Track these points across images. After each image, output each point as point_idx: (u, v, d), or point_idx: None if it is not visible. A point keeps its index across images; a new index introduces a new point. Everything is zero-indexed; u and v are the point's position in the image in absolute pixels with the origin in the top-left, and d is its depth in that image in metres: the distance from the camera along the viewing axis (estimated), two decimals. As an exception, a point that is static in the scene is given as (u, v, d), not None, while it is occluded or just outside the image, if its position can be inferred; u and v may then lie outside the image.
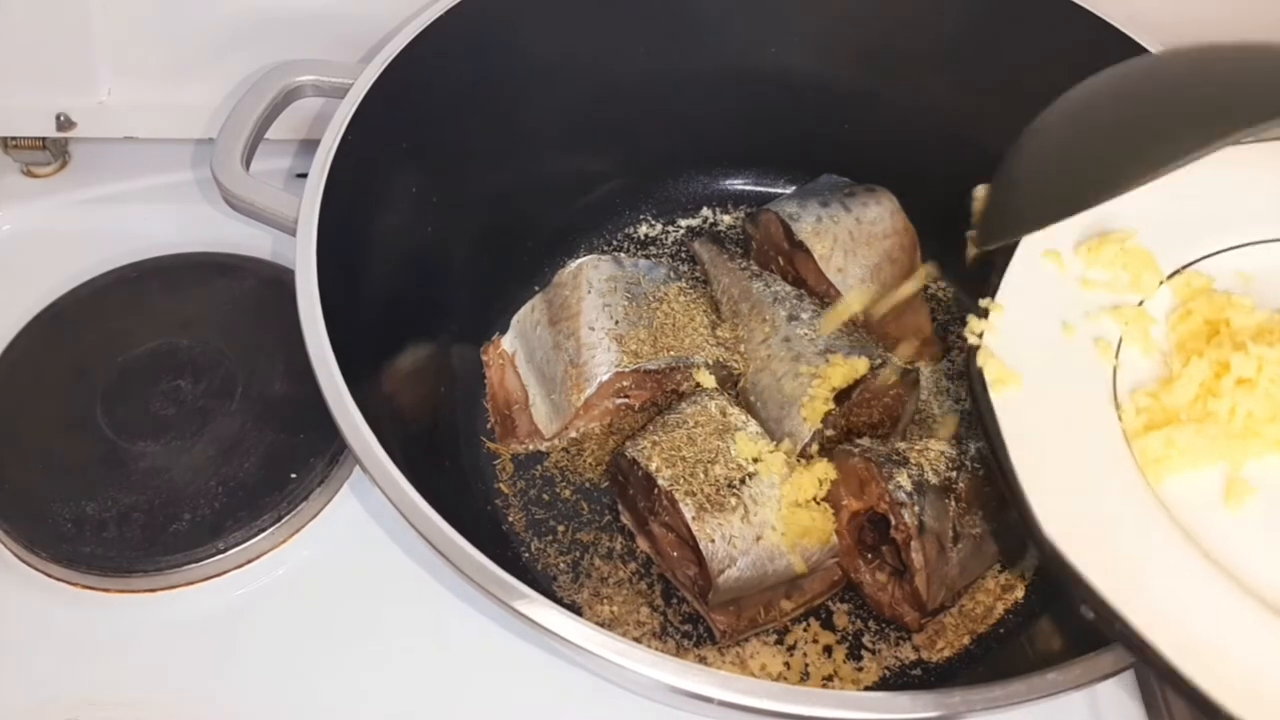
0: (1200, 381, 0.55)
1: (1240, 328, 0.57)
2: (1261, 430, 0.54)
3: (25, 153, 0.88)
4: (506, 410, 0.76)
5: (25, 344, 0.77)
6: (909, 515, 0.63)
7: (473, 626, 0.67)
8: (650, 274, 0.78)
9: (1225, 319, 0.57)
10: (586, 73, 0.79)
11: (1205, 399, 0.55)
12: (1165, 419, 0.54)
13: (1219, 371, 0.55)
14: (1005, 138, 0.80)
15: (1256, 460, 0.54)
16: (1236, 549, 0.50)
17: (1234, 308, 0.57)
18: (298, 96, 0.74)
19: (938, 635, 0.68)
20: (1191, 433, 0.53)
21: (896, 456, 0.66)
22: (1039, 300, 0.58)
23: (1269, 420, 0.54)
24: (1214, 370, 0.55)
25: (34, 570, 0.69)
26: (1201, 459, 0.53)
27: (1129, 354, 0.57)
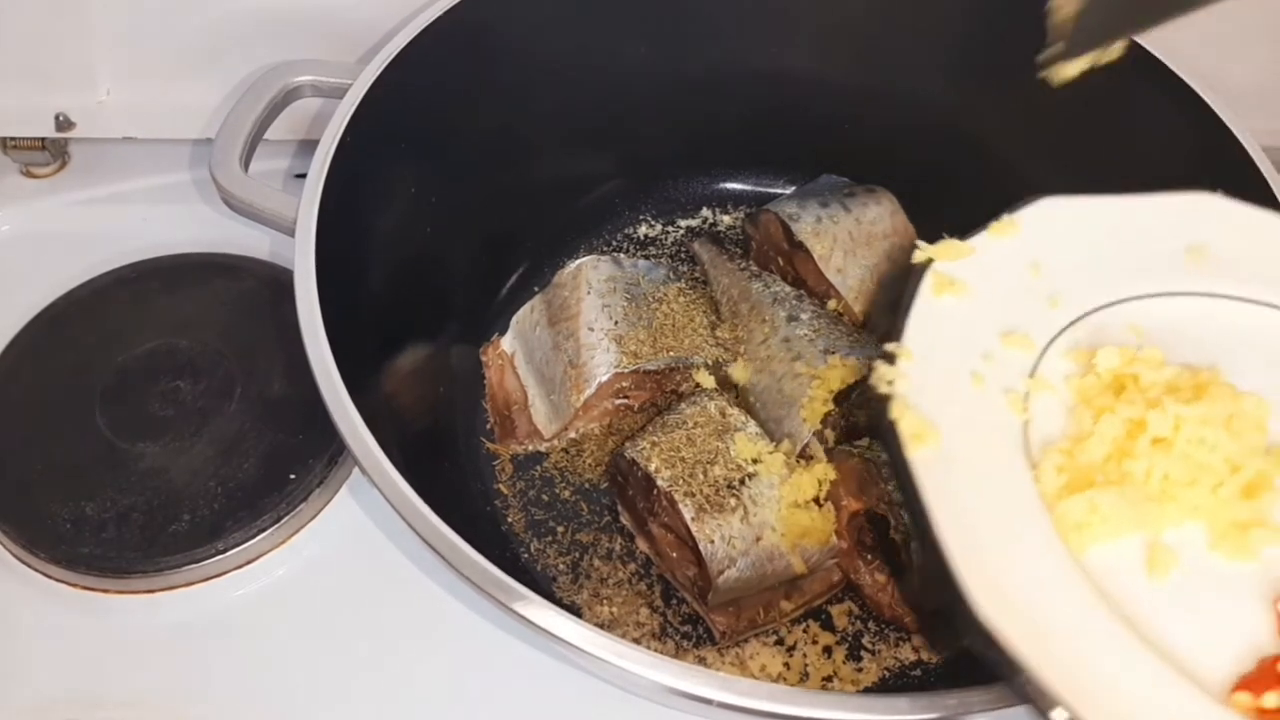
0: (1113, 439, 0.53)
1: (1150, 383, 0.54)
2: (1179, 495, 0.51)
3: (24, 153, 0.88)
4: (506, 411, 0.76)
5: (24, 344, 0.77)
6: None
7: (472, 627, 0.67)
8: (650, 274, 0.78)
9: (1134, 374, 0.54)
10: (586, 73, 0.79)
11: (1120, 459, 0.52)
12: (1084, 481, 0.51)
13: (1132, 431, 0.52)
14: (1005, 138, 0.80)
15: (1176, 527, 0.51)
16: (1162, 622, 0.48)
17: (1142, 362, 0.55)
18: (296, 97, 0.74)
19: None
20: (1113, 497, 0.51)
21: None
22: (945, 343, 0.55)
23: (1187, 484, 0.52)
24: (1127, 429, 0.53)
25: (33, 571, 0.69)
26: (1123, 526, 0.51)
27: (1038, 406, 0.54)
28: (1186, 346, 0.57)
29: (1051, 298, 0.58)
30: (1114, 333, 0.57)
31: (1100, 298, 0.59)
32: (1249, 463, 0.52)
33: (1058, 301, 0.58)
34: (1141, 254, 0.60)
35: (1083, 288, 0.59)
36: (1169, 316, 0.59)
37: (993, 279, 0.57)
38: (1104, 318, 0.58)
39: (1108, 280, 0.59)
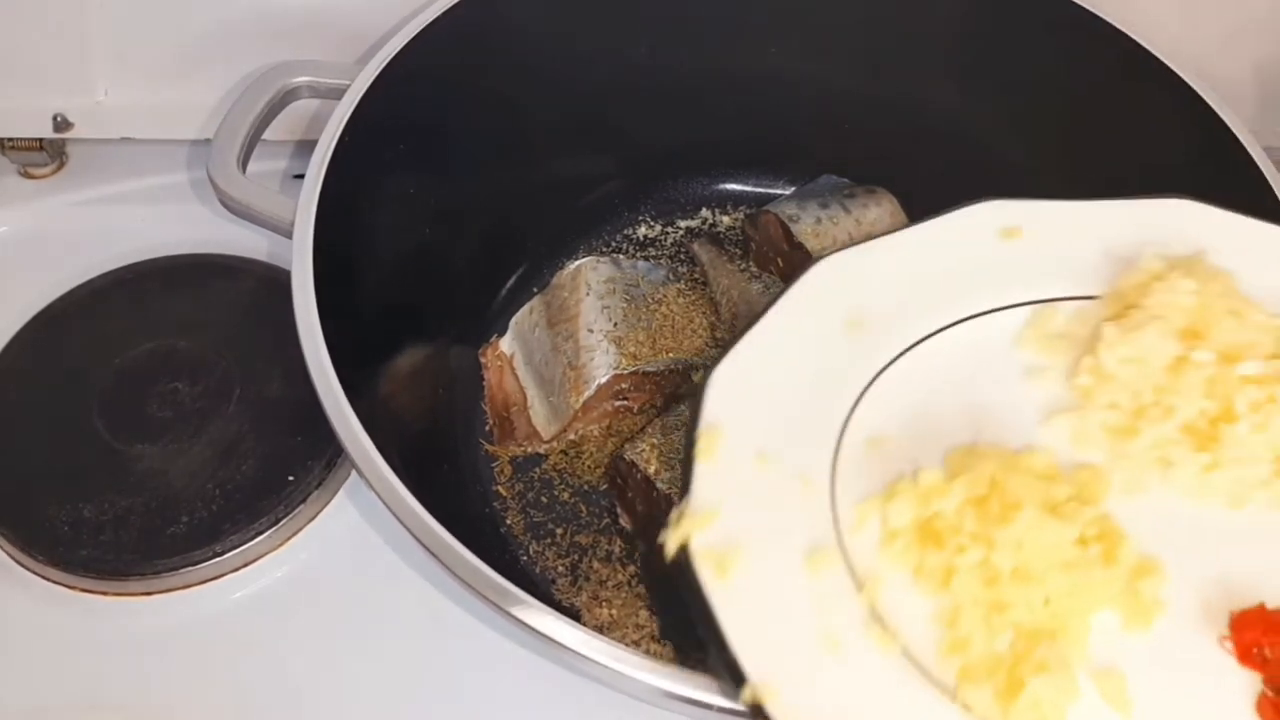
0: (965, 604, 0.49)
1: (951, 525, 0.50)
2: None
3: (22, 154, 0.88)
4: (505, 412, 0.76)
5: (22, 346, 0.77)
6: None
7: (470, 630, 0.67)
8: (649, 275, 0.78)
9: (931, 524, 0.50)
10: (586, 73, 0.78)
11: (992, 613, 0.48)
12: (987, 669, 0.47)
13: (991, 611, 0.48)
14: (1006, 138, 0.80)
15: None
16: None
17: (932, 495, 0.51)
18: (295, 98, 0.73)
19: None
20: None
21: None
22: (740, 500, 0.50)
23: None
24: (966, 585, 0.49)
25: (30, 573, 0.69)
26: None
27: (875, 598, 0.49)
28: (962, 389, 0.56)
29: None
30: (850, 451, 0.54)
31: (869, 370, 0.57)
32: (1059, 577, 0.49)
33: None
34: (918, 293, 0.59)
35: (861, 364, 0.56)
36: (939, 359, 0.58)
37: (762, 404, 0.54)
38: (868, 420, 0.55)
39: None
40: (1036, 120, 0.78)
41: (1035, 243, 0.61)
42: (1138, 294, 0.58)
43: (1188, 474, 0.54)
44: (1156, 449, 0.54)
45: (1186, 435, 0.54)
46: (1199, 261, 0.59)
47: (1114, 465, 0.54)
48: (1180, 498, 0.54)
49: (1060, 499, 0.51)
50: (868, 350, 0.57)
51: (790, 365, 0.56)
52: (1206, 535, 0.53)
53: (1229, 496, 0.54)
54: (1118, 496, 0.53)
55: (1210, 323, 0.56)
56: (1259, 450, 0.53)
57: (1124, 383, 0.55)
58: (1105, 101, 0.74)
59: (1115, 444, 0.55)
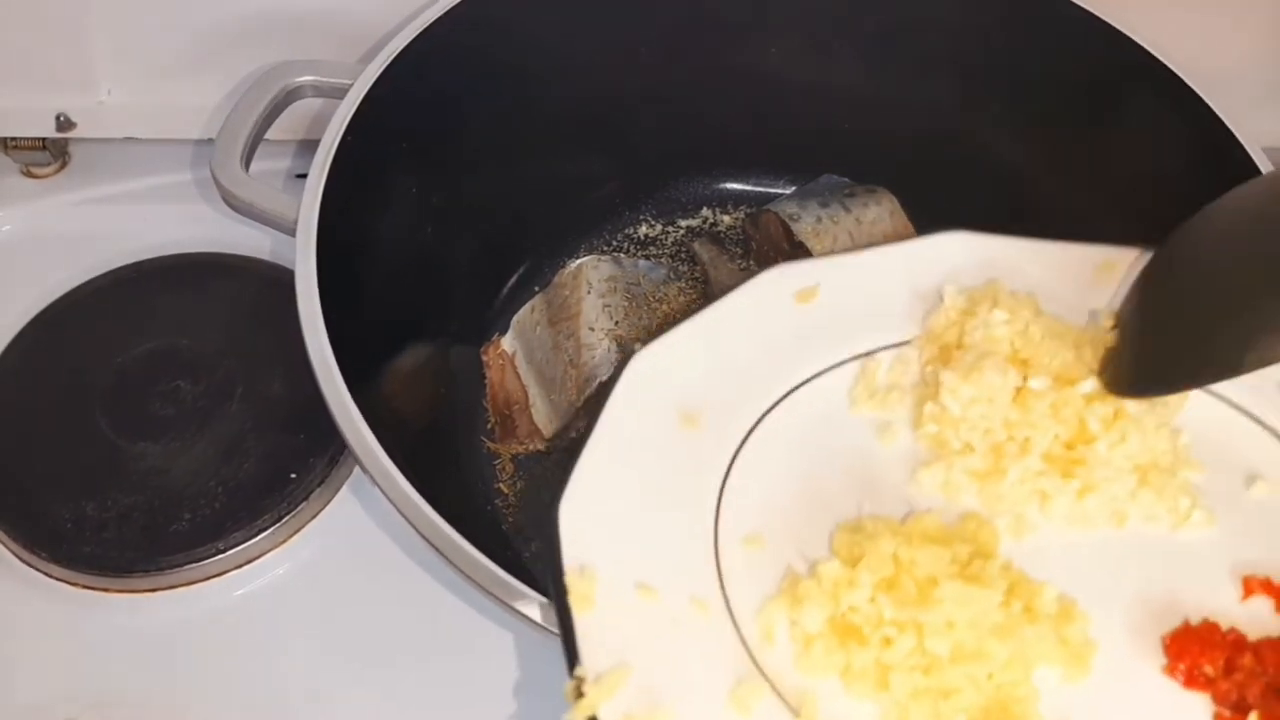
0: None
1: (868, 616, 0.48)
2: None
3: (25, 153, 0.88)
4: (506, 410, 0.76)
5: (25, 344, 0.77)
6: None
7: (473, 626, 0.67)
8: (650, 274, 0.78)
9: (847, 620, 0.48)
10: (586, 73, 0.79)
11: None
12: None
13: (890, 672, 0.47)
14: (1005, 138, 0.80)
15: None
16: None
17: (840, 587, 0.49)
18: (297, 97, 0.73)
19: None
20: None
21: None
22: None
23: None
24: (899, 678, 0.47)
25: (34, 570, 0.69)
26: None
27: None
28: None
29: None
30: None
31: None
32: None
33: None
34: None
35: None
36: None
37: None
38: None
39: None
40: (1036, 120, 0.78)
41: (833, 299, 0.60)
42: (952, 332, 0.58)
43: (1064, 503, 0.53)
44: (1026, 484, 0.53)
45: (1050, 464, 0.53)
46: (998, 289, 0.59)
47: (993, 509, 0.53)
48: (1065, 528, 0.53)
49: (965, 560, 0.50)
50: (710, 445, 0.54)
51: (636, 479, 0.52)
52: (1105, 560, 0.52)
53: (1109, 516, 0.53)
54: (1007, 541, 0.52)
55: (1034, 348, 0.56)
56: (1122, 464, 0.53)
57: (973, 423, 0.55)
58: (1105, 101, 0.75)
59: (985, 487, 0.54)
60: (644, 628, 0.47)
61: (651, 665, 0.45)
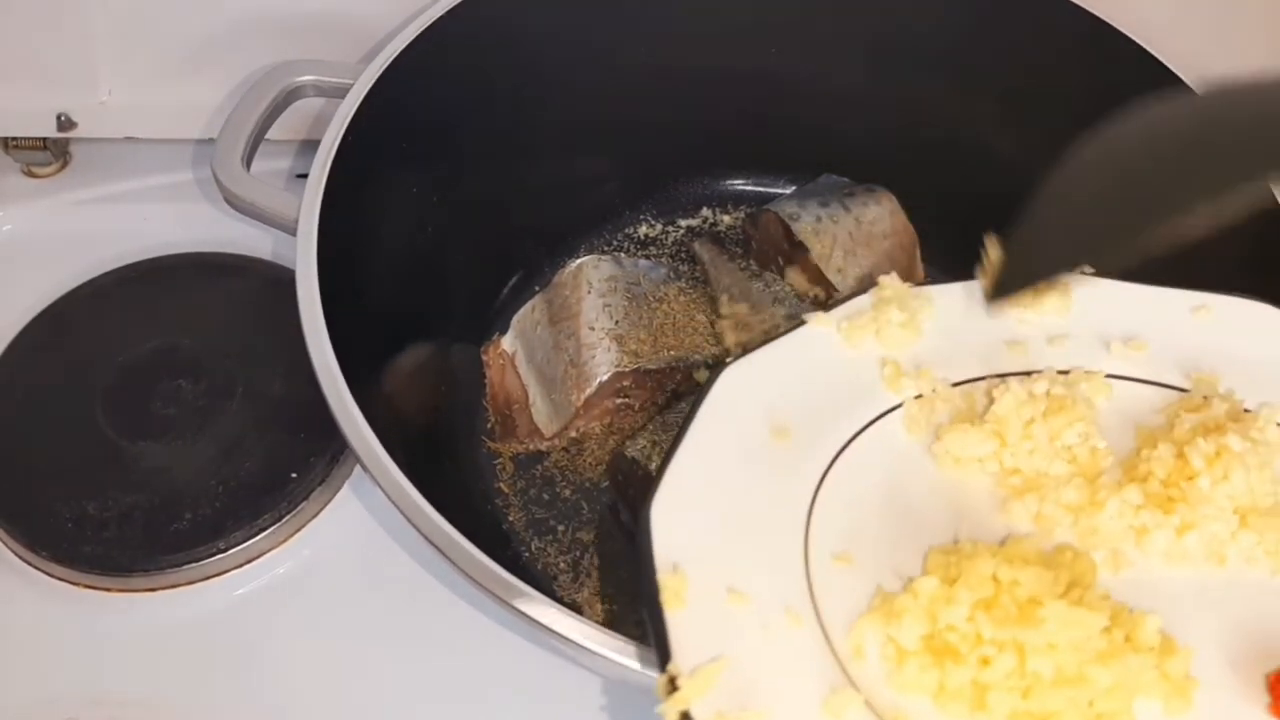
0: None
1: (966, 634, 0.47)
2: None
3: (26, 153, 0.88)
4: (507, 410, 0.76)
5: (25, 344, 0.77)
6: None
7: (473, 625, 0.67)
8: (650, 274, 0.78)
9: (945, 640, 0.47)
10: (587, 73, 0.79)
11: None
12: None
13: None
14: (1005, 138, 0.80)
15: None
16: None
17: (939, 604, 0.47)
18: (298, 97, 0.74)
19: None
20: None
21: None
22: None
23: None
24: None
25: (34, 569, 0.69)
26: None
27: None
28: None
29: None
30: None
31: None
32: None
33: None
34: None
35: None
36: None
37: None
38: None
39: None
40: (1036, 120, 0.78)
41: (931, 324, 0.60)
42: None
43: (1163, 539, 0.52)
44: (1124, 518, 0.52)
45: (1150, 500, 0.52)
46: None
47: (1088, 543, 0.52)
48: (1163, 564, 0.52)
49: (1065, 585, 0.48)
50: (801, 460, 0.54)
51: (727, 486, 0.51)
52: (1205, 598, 0.51)
53: (1208, 555, 0.52)
54: (1104, 574, 0.51)
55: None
56: (1224, 503, 0.52)
57: (1069, 455, 0.54)
58: (1104, 102, 0.74)
59: (1081, 520, 0.53)
60: (735, 631, 0.46)
61: (743, 666, 0.45)
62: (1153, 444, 0.54)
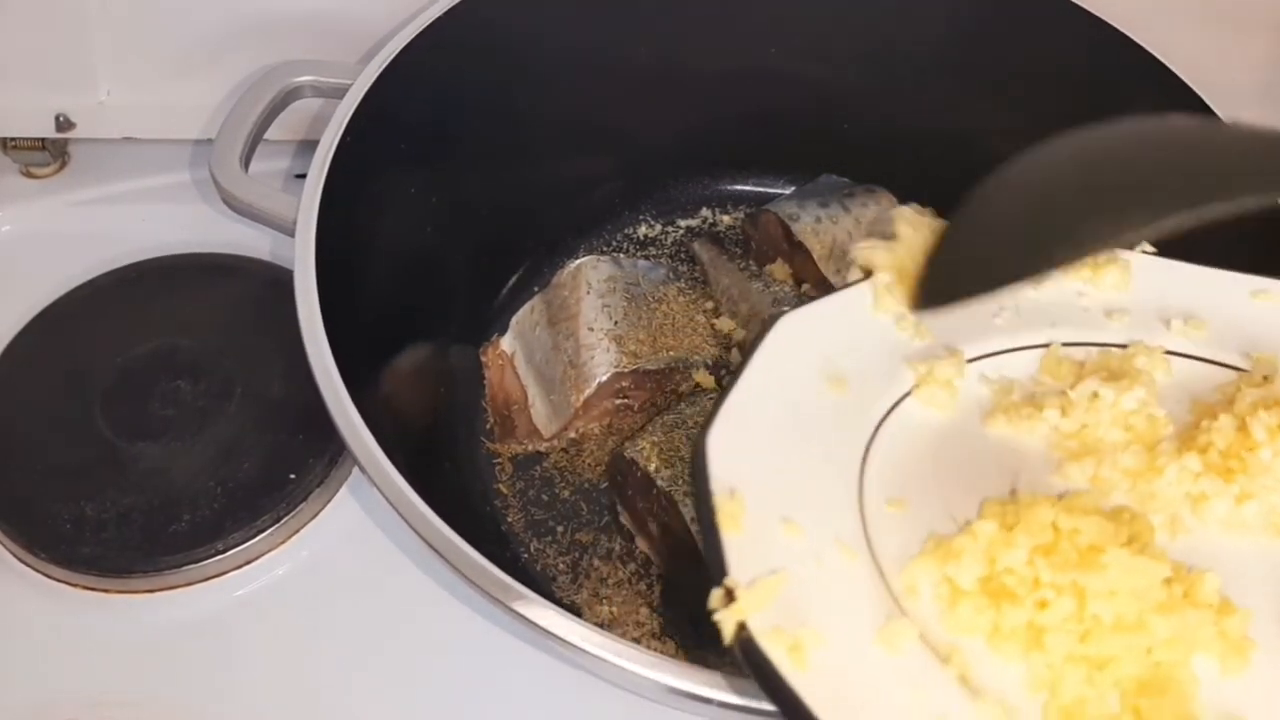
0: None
1: (1024, 578, 0.46)
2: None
3: (24, 153, 0.88)
4: (505, 411, 0.76)
5: (24, 345, 0.77)
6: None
7: (472, 627, 0.67)
8: (649, 274, 0.78)
9: (1001, 582, 0.47)
10: (586, 73, 0.79)
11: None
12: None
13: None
14: (1005, 138, 0.80)
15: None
16: None
17: (1000, 547, 0.47)
18: (296, 97, 0.74)
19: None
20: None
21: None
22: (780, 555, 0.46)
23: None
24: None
25: (33, 571, 0.69)
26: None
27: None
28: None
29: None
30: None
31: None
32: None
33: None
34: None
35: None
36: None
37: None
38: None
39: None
40: (1036, 120, 0.78)
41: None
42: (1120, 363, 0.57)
43: (1222, 507, 0.51)
44: (1183, 484, 0.52)
45: (1209, 468, 0.52)
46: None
47: (1145, 508, 0.52)
48: (1220, 532, 0.51)
49: (1125, 538, 0.48)
50: (857, 407, 0.54)
51: (784, 426, 0.52)
52: (1262, 567, 0.50)
53: (1266, 525, 0.52)
54: (1162, 538, 0.51)
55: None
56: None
57: (1130, 421, 0.54)
58: (1104, 102, 0.74)
59: (1139, 485, 0.52)
60: (790, 555, 0.46)
61: (798, 591, 0.45)
62: (1213, 416, 0.53)
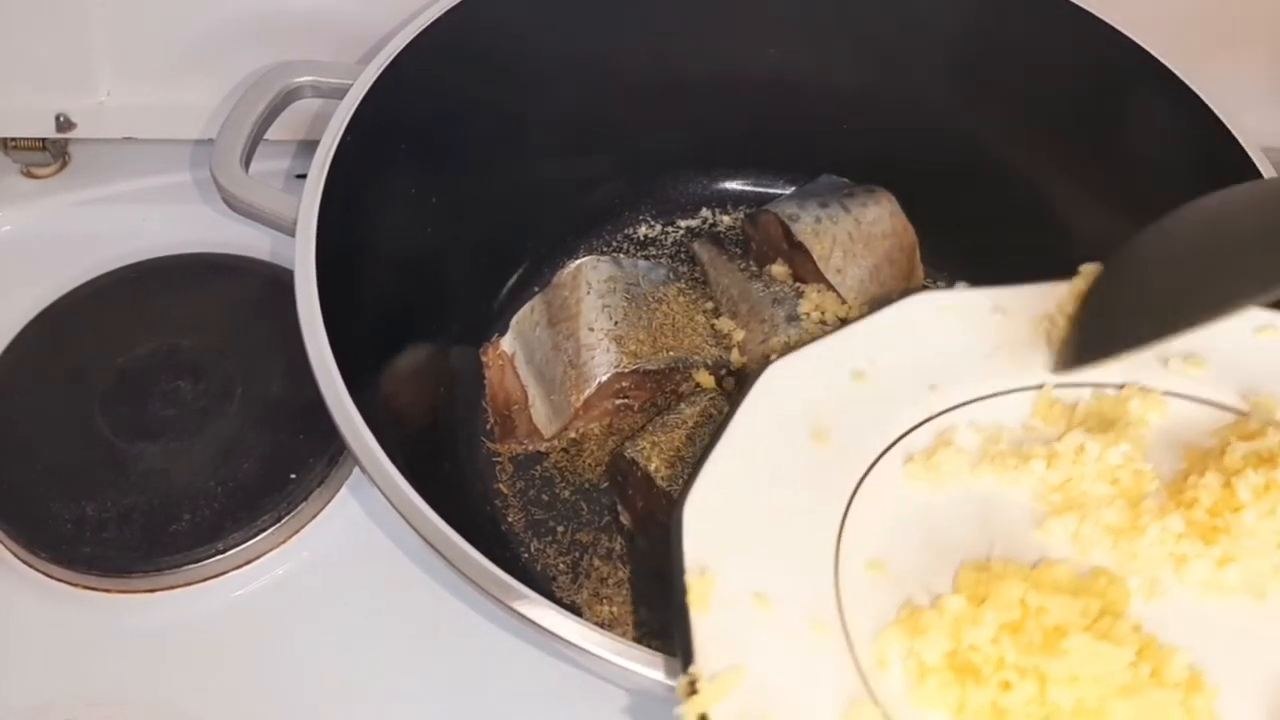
0: None
1: (989, 658, 0.46)
2: None
3: (25, 153, 0.88)
4: (506, 411, 0.76)
5: (25, 345, 0.77)
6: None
7: (472, 627, 0.67)
8: (649, 275, 0.78)
9: (968, 660, 0.47)
10: (586, 74, 0.79)
11: None
12: None
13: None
14: (1004, 138, 0.80)
15: None
16: None
17: (963, 623, 0.47)
18: (297, 97, 0.74)
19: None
20: None
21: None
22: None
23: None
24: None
25: (33, 570, 0.69)
26: None
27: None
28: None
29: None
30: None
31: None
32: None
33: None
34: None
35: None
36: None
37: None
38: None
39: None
40: (1035, 120, 0.78)
41: (975, 331, 0.59)
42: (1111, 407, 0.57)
43: (1203, 569, 0.51)
44: (1165, 545, 0.51)
45: (1192, 528, 0.52)
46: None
47: (1125, 568, 0.51)
48: (1200, 596, 0.51)
49: (1094, 615, 0.48)
50: (839, 464, 0.53)
51: (762, 488, 0.52)
52: (1240, 634, 0.50)
53: (1249, 589, 0.51)
54: (1138, 602, 0.50)
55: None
56: (1269, 537, 0.51)
57: (1112, 475, 0.54)
58: (1104, 102, 0.75)
59: (1120, 543, 0.52)
60: (758, 637, 0.47)
61: (764, 674, 0.45)
62: (1201, 469, 0.53)
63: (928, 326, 0.59)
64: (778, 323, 0.75)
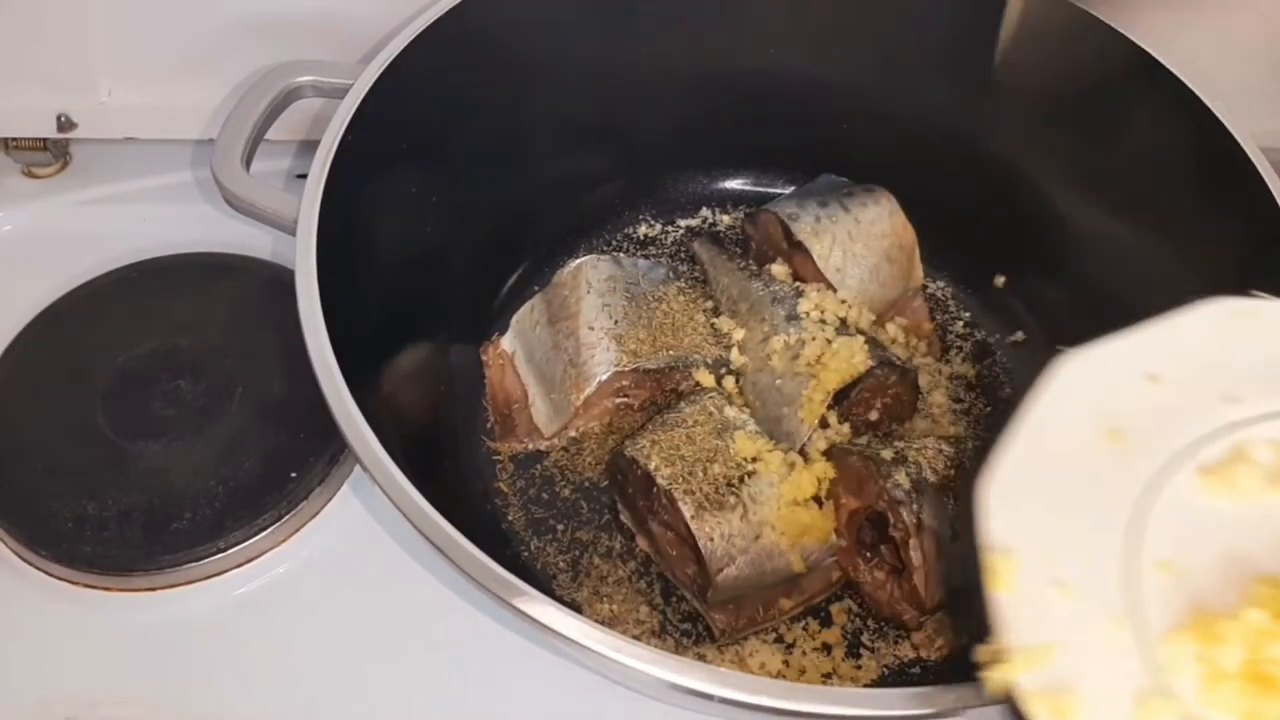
0: None
1: None
2: None
3: (26, 153, 0.88)
4: (506, 410, 0.76)
5: (26, 344, 0.77)
6: (907, 514, 0.64)
7: (473, 625, 0.67)
8: (649, 274, 0.79)
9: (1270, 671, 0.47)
10: (586, 73, 0.79)
11: None
12: None
13: None
14: (1004, 138, 0.80)
15: None
16: None
17: (1265, 638, 0.47)
18: (298, 97, 0.74)
19: (937, 634, 0.68)
20: None
21: (895, 455, 0.66)
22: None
23: None
24: None
25: (34, 569, 0.69)
26: None
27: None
28: None
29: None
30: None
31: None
32: None
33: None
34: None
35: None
36: None
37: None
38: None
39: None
40: (1036, 120, 0.78)
41: (1267, 348, 0.57)
42: None
43: None
44: None
45: None
46: None
47: None
48: None
49: None
50: (1133, 463, 0.53)
51: (1060, 478, 0.52)
52: None
53: None
54: None
55: None
56: None
57: None
58: (1103, 102, 0.75)
59: None
60: (1059, 621, 0.48)
61: (1066, 655, 0.47)
62: None
63: (1225, 333, 0.58)
64: (777, 322, 0.75)
